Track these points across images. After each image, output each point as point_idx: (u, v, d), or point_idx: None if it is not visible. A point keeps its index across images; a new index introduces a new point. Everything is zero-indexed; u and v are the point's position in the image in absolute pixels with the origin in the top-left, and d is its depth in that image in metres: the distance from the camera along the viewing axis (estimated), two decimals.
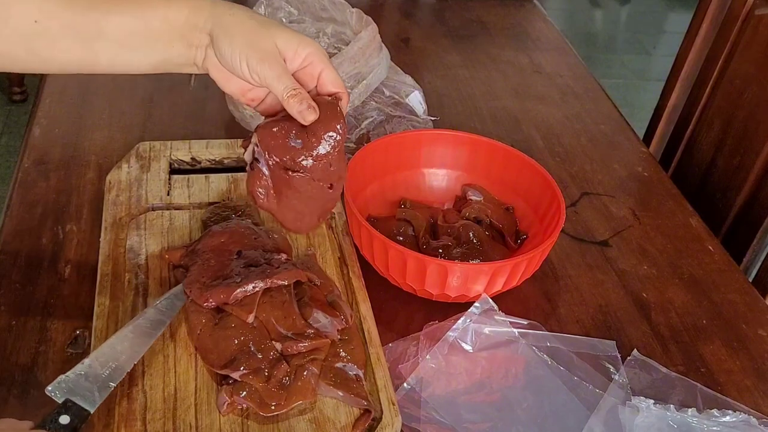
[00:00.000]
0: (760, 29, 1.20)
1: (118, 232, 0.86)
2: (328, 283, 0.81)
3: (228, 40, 0.68)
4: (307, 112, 0.68)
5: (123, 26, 0.68)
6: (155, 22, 0.69)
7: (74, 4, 0.67)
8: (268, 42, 0.68)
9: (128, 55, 0.70)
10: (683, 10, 3.77)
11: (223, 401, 0.69)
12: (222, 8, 0.69)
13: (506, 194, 0.99)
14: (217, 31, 0.68)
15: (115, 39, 0.69)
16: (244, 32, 0.68)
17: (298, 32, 0.70)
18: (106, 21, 0.68)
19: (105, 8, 0.68)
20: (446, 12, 1.57)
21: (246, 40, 0.68)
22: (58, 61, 0.70)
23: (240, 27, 0.68)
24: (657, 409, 0.77)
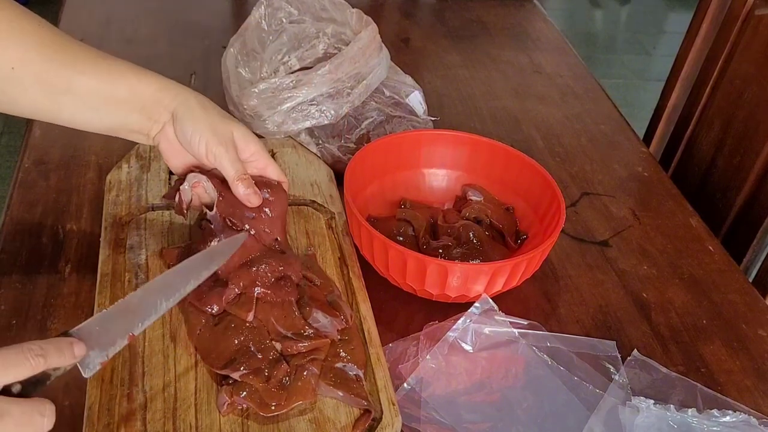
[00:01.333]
0: (760, 29, 1.20)
1: (118, 232, 0.86)
2: (328, 283, 0.81)
3: (192, 121, 0.76)
4: (253, 196, 0.77)
5: (90, 88, 0.74)
6: (122, 90, 0.75)
7: (52, 59, 0.73)
8: (226, 130, 0.77)
9: (89, 114, 0.77)
10: (683, 10, 3.77)
11: (223, 401, 0.69)
12: (189, 93, 0.78)
13: (506, 194, 0.99)
14: (182, 111, 0.76)
15: (80, 97, 0.75)
16: (207, 117, 0.77)
17: (249, 131, 0.79)
18: (77, 80, 0.74)
19: (79, 68, 0.74)
20: (446, 12, 1.57)
21: (208, 124, 0.76)
22: (25, 107, 0.76)
23: (203, 112, 0.77)
24: (657, 409, 0.77)
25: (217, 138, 0.76)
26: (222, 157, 0.76)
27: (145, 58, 1.27)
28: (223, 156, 0.76)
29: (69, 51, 0.74)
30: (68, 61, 0.73)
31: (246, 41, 1.11)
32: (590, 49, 3.46)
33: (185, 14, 1.44)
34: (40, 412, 0.56)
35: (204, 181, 0.79)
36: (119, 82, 0.75)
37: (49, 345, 0.57)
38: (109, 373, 0.71)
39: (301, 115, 1.03)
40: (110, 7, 1.43)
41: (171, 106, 0.77)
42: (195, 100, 0.77)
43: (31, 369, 0.56)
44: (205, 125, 0.76)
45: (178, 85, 0.78)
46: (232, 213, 0.78)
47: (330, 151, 1.04)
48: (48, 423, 0.56)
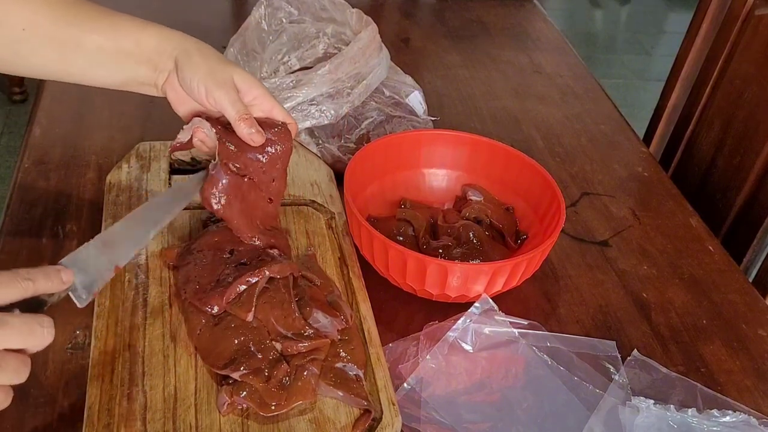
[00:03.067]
0: (760, 29, 1.20)
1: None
2: (328, 283, 0.81)
3: (191, 67, 0.77)
4: (256, 134, 0.77)
5: (98, 44, 0.77)
6: (128, 44, 0.77)
7: (59, 20, 0.75)
8: (226, 74, 0.77)
9: (98, 70, 0.79)
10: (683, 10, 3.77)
11: (223, 401, 0.69)
12: (190, 41, 0.79)
13: (506, 194, 0.99)
14: (183, 59, 0.77)
15: (89, 55, 0.77)
16: (207, 63, 0.77)
17: (252, 75, 0.79)
18: (84, 38, 0.76)
19: (86, 26, 0.76)
20: (446, 12, 1.57)
21: (207, 69, 0.77)
22: (37, 67, 0.78)
23: (203, 58, 0.77)
24: (657, 409, 0.77)
25: (215, 82, 0.76)
26: (222, 99, 0.76)
27: None
28: (223, 98, 0.76)
29: (76, 10, 0.77)
30: (76, 21, 0.76)
31: (246, 41, 1.11)
32: (590, 49, 3.46)
33: (185, 14, 1.44)
34: (39, 323, 0.59)
35: (206, 128, 0.79)
36: (124, 36, 0.77)
37: (37, 271, 0.60)
38: (109, 373, 0.71)
39: (301, 115, 1.03)
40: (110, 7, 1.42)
41: (173, 55, 0.78)
42: (195, 47, 0.78)
43: (21, 291, 0.59)
44: (204, 70, 0.77)
45: (181, 35, 0.79)
46: (235, 157, 0.77)
47: (330, 151, 1.04)
48: (48, 334, 0.59)
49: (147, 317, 0.77)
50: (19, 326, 0.58)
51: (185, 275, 0.79)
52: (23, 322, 0.58)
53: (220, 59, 0.79)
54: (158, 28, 0.79)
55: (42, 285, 0.61)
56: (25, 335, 0.58)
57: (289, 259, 0.81)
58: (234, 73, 0.78)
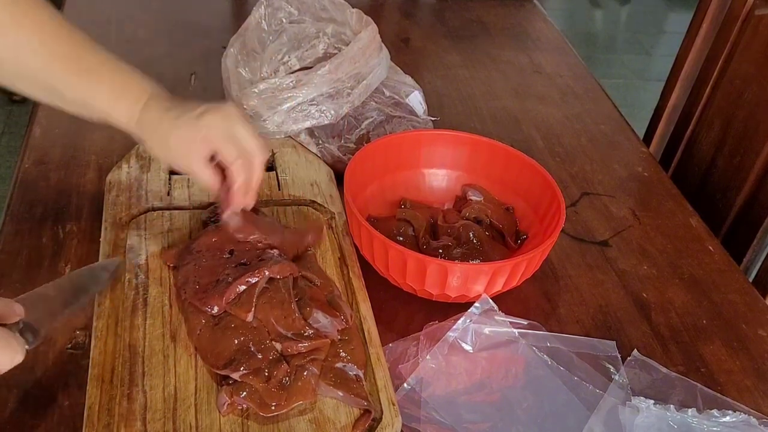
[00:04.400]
0: (760, 29, 1.20)
1: (118, 232, 0.86)
2: (328, 283, 0.81)
3: (154, 154, 0.80)
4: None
5: (78, 103, 0.78)
6: (98, 112, 0.79)
7: (44, 68, 0.76)
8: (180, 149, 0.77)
9: (80, 114, 0.80)
10: (683, 10, 3.77)
11: (223, 401, 0.69)
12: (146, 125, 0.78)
13: (506, 194, 0.99)
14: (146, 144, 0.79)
15: (73, 106, 0.79)
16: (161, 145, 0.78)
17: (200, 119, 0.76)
18: (65, 93, 0.78)
19: (67, 80, 0.77)
20: (446, 12, 1.57)
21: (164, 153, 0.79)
22: (22, 91, 0.79)
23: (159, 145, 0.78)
24: (657, 409, 0.77)
25: (178, 167, 0.79)
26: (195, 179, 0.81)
27: (145, 58, 1.28)
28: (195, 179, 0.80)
29: (62, 58, 0.76)
30: (59, 72, 0.76)
31: (246, 41, 1.11)
32: (590, 49, 3.46)
33: (185, 14, 1.44)
34: (13, 336, 0.60)
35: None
36: (97, 105, 0.78)
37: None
38: (109, 373, 0.71)
39: (301, 115, 1.03)
40: (110, 7, 1.43)
41: (138, 135, 0.79)
42: (151, 137, 0.78)
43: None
44: (165, 159, 0.80)
45: (143, 114, 0.78)
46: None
47: (330, 151, 1.04)
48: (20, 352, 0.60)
49: (147, 317, 0.77)
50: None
51: (185, 275, 0.79)
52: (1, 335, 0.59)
53: (184, 125, 0.76)
54: (129, 103, 0.78)
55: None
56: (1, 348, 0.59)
57: (288, 260, 0.81)
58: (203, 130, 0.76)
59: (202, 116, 0.75)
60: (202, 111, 0.76)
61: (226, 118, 0.76)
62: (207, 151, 0.76)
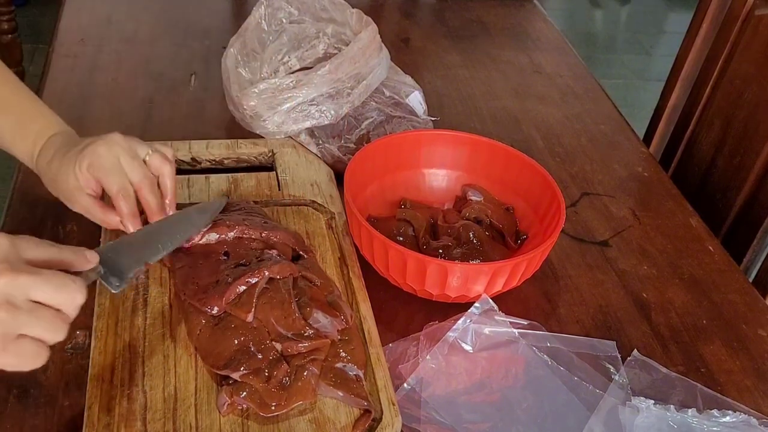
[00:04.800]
0: (760, 29, 1.20)
1: (119, 232, 0.86)
2: (328, 283, 0.81)
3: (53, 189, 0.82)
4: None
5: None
6: (6, 145, 0.83)
7: None
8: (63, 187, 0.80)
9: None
10: (683, 10, 3.77)
11: (223, 402, 0.69)
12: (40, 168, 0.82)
13: (506, 194, 0.99)
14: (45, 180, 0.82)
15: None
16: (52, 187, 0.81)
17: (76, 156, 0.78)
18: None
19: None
20: (446, 12, 1.57)
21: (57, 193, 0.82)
22: None
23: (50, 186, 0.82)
24: (657, 409, 0.77)
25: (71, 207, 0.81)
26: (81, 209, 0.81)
27: (145, 58, 1.28)
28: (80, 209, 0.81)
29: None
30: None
31: (246, 41, 1.11)
32: (590, 49, 3.46)
33: (185, 14, 1.44)
34: (71, 279, 0.60)
35: None
36: (4, 141, 0.84)
37: (64, 246, 0.64)
38: (109, 373, 0.71)
39: (301, 115, 1.03)
40: (110, 7, 1.43)
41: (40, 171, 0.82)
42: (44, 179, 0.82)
43: (47, 251, 0.61)
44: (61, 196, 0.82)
45: (38, 157, 0.81)
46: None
47: (330, 151, 1.04)
48: (79, 291, 0.60)
49: (147, 317, 0.77)
50: (51, 277, 0.58)
51: (184, 276, 0.79)
52: (55, 274, 0.59)
53: (62, 164, 0.78)
54: (28, 144, 0.82)
55: (67, 255, 0.62)
56: (57, 287, 0.59)
57: (288, 260, 0.81)
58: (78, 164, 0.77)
59: (84, 149, 0.77)
60: (85, 144, 0.78)
61: (110, 149, 0.77)
62: (92, 184, 0.78)
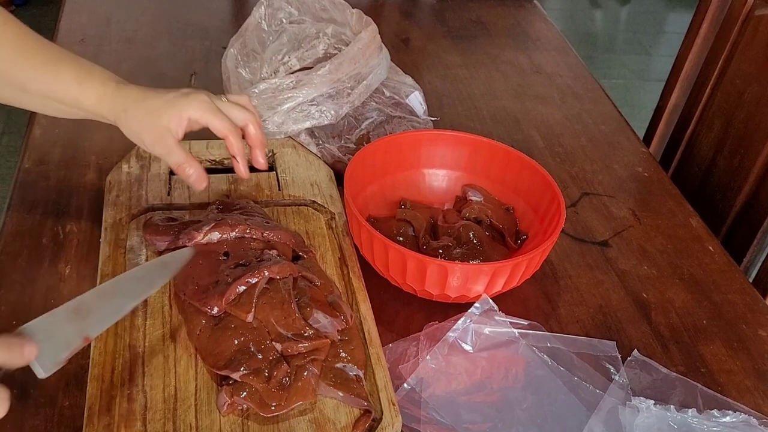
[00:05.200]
0: (760, 29, 1.20)
1: (119, 232, 0.86)
2: (328, 284, 0.81)
3: (128, 126, 0.80)
4: (195, 179, 0.80)
5: (41, 92, 0.79)
6: (67, 99, 0.79)
7: (5, 59, 0.77)
8: (166, 120, 0.78)
9: (51, 112, 0.82)
10: (683, 10, 3.77)
11: (223, 402, 0.69)
12: (129, 96, 0.79)
13: (506, 194, 0.99)
14: (120, 118, 0.80)
15: (36, 98, 0.80)
16: (146, 117, 0.79)
17: (179, 100, 0.79)
18: (28, 84, 0.79)
19: (29, 73, 0.79)
20: (446, 12, 1.57)
21: (144, 124, 0.79)
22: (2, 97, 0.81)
23: (143, 111, 0.79)
24: (657, 409, 0.77)
25: (151, 137, 0.79)
26: (158, 153, 0.80)
27: (145, 58, 1.28)
28: (158, 153, 0.80)
29: (24, 53, 0.78)
30: (20, 65, 0.78)
31: (246, 41, 1.11)
32: (590, 49, 3.46)
33: (185, 14, 1.44)
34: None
35: None
36: (64, 91, 0.79)
37: (1, 345, 0.56)
38: (110, 373, 0.71)
39: (301, 115, 1.03)
40: (110, 7, 1.43)
41: (111, 116, 0.80)
42: (133, 102, 0.79)
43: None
44: (141, 126, 0.79)
45: (115, 93, 0.79)
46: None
47: (330, 152, 1.04)
48: (2, 407, 0.56)
49: (147, 317, 0.77)
50: None
51: (184, 276, 0.79)
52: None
53: (163, 104, 0.79)
54: (95, 87, 0.79)
55: (2, 358, 0.56)
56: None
57: (288, 260, 0.81)
58: (184, 109, 0.78)
59: (187, 96, 0.79)
60: (183, 93, 0.79)
61: (209, 97, 0.80)
62: (183, 130, 0.79)
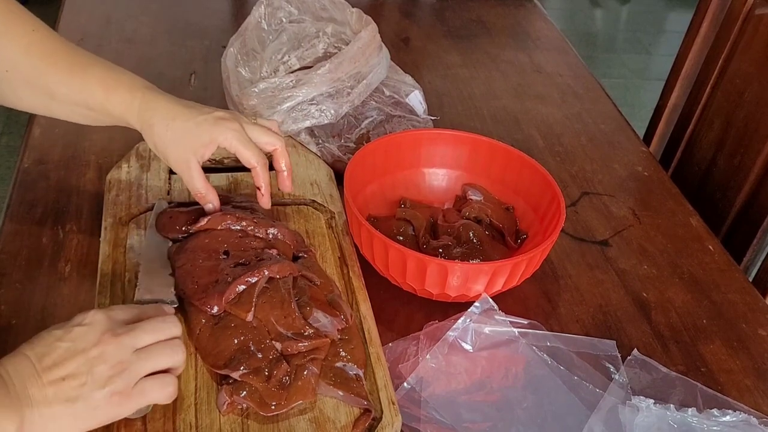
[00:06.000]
0: (760, 29, 1.20)
1: (118, 231, 0.86)
2: (328, 283, 0.81)
3: (152, 141, 0.80)
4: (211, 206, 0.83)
5: (69, 98, 0.79)
6: (94, 105, 0.80)
7: (36, 67, 0.78)
8: (191, 144, 0.79)
9: (78, 119, 0.83)
10: (683, 9, 3.77)
11: (223, 401, 0.69)
12: (150, 115, 0.79)
13: (506, 194, 0.99)
14: (146, 131, 0.80)
15: (64, 105, 0.80)
16: (169, 135, 0.79)
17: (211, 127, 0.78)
18: (56, 90, 0.79)
19: (58, 78, 0.78)
20: (446, 11, 1.57)
21: (168, 142, 0.79)
22: (23, 105, 0.82)
23: (168, 130, 0.79)
24: (657, 408, 0.77)
25: (175, 161, 0.80)
26: (183, 178, 0.82)
27: (145, 58, 1.28)
28: (183, 177, 0.81)
29: (53, 59, 0.78)
30: (50, 71, 0.78)
31: (246, 41, 1.11)
32: (590, 49, 3.46)
33: (185, 14, 1.44)
34: (160, 318, 0.67)
35: None
36: (91, 97, 0.79)
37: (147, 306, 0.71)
38: None
39: (301, 114, 1.03)
40: (110, 6, 1.43)
41: (138, 126, 0.80)
42: (161, 119, 0.79)
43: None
44: (162, 154, 0.80)
45: (143, 104, 0.79)
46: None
47: (330, 151, 1.04)
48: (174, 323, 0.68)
49: None
50: (145, 326, 0.66)
51: (184, 275, 0.79)
52: (148, 322, 0.67)
53: (192, 128, 0.78)
54: (122, 95, 0.79)
55: (150, 311, 0.69)
56: (154, 330, 0.66)
57: (288, 259, 0.81)
58: (215, 138, 0.78)
59: (212, 120, 0.79)
60: (215, 117, 0.79)
61: (239, 125, 0.80)
62: (209, 155, 0.80)
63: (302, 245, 0.86)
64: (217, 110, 0.81)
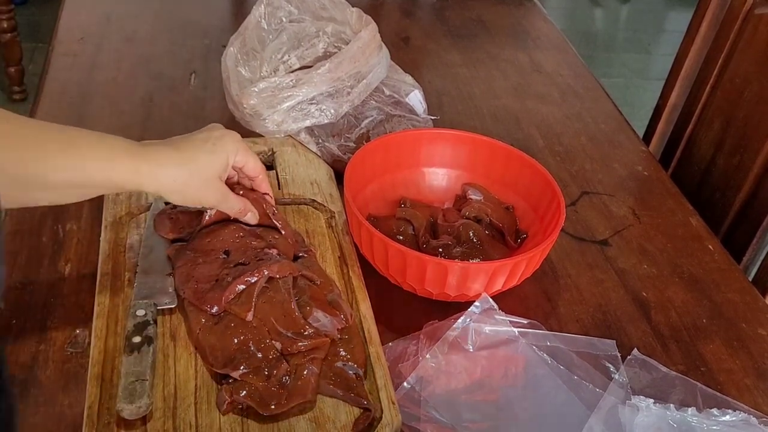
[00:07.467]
0: (760, 29, 1.20)
1: (118, 231, 0.86)
2: (327, 283, 0.82)
3: (181, 201, 0.78)
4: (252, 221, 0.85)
5: (66, 181, 0.70)
6: (98, 179, 0.71)
7: (23, 158, 0.67)
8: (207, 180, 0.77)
9: (69, 199, 0.73)
10: (683, 8, 3.77)
11: (223, 400, 0.69)
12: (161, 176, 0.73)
13: (506, 193, 0.99)
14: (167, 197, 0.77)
15: (57, 190, 0.71)
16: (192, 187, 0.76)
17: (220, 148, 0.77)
18: (50, 176, 0.68)
19: (51, 164, 0.68)
20: (446, 11, 1.57)
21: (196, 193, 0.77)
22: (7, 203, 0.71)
23: (179, 195, 0.76)
24: (657, 408, 0.77)
25: (214, 203, 0.80)
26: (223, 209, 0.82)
27: (144, 57, 1.28)
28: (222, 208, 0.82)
29: (43, 144, 0.68)
30: (41, 157, 0.68)
31: (246, 40, 1.11)
32: (590, 48, 3.46)
33: (185, 13, 1.44)
34: None
35: None
36: (94, 172, 0.71)
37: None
38: (109, 372, 0.71)
39: (301, 114, 1.03)
40: (110, 6, 1.43)
41: (150, 190, 0.75)
42: (170, 186, 0.74)
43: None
44: (197, 201, 0.78)
45: (150, 165, 0.73)
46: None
47: (330, 150, 1.04)
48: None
49: None
50: None
51: (183, 275, 0.79)
52: None
53: (206, 157, 0.76)
54: (126, 163, 0.71)
55: None
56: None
57: (288, 259, 0.81)
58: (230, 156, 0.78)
59: (218, 142, 0.77)
60: (216, 137, 0.77)
61: (233, 137, 0.79)
62: (230, 172, 0.81)
63: (302, 245, 0.86)
64: (202, 132, 0.78)
